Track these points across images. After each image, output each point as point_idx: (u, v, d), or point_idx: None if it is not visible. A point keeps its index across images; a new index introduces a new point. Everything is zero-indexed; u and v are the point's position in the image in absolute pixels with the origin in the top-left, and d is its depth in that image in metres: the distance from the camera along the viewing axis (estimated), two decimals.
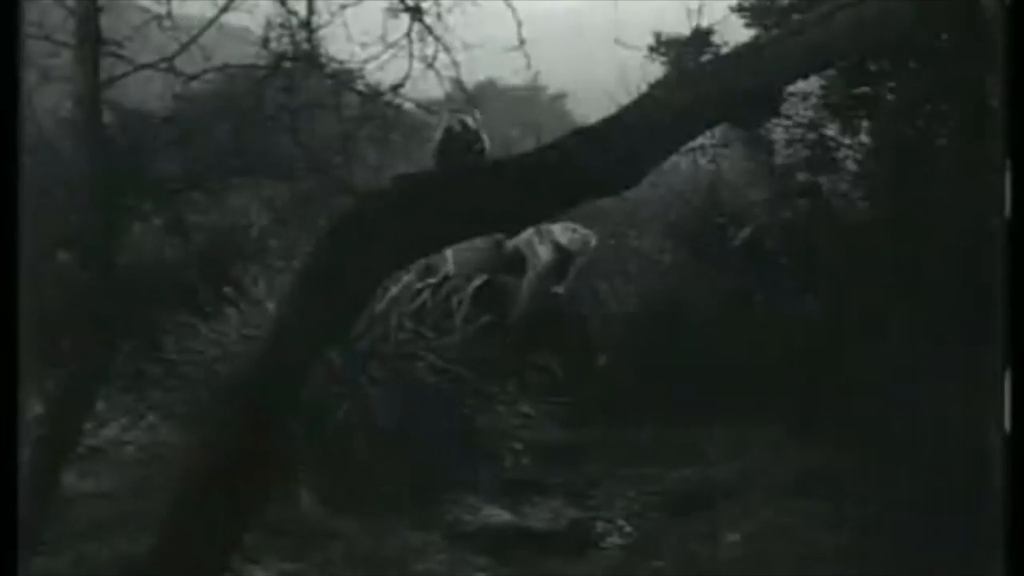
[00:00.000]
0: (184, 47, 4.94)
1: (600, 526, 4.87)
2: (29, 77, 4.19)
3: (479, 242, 6.18)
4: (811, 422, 4.94)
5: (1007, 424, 3.30)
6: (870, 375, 4.82)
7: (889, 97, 5.40)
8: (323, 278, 3.72)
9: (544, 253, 6.25)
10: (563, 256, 6.28)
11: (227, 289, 5.15)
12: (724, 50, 4.76)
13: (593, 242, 6.33)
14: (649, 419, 5.23)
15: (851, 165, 5.61)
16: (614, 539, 4.79)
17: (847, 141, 5.52)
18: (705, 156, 5.75)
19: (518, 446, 5.20)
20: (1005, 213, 3.35)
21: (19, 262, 3.09)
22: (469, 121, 6.29)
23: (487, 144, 6.15)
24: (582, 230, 6.31)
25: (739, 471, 4.93)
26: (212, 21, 4.95)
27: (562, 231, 6.27)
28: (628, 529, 4.82)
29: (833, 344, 5.08)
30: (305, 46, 4.89)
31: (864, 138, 5.56)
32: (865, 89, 5.36)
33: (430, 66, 4.84)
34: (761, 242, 5.71)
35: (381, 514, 4.68)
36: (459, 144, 6.16)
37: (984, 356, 4.52)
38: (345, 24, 4.85)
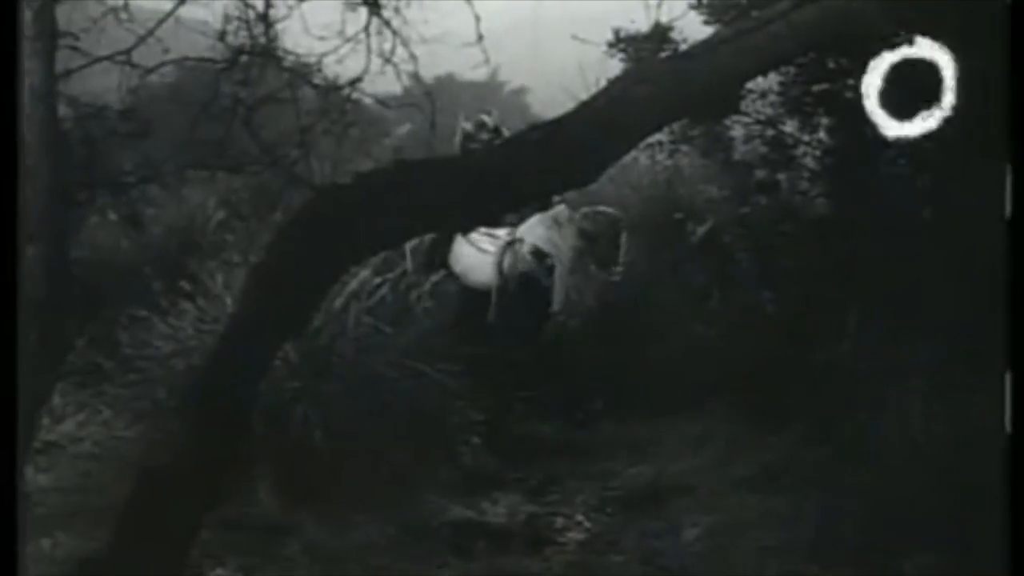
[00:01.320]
0: (141, 40, 4.91)
1: (559, 521, 4.87)
2: None
3: (487, 245, 6.14)
4: (769, 417, 4.96)
5: (1007, 424, 3.32)
6: (828, 370, 4.84)
7: (847, 94, 5.42)
8: (281, 273, 3.70)
9: (566, 245, 6.20)
10: (589, 241, 6.22)
11: (184, 283, 5.14)
12: (683, 46, 4.77)
13: (622, 219, 6.25)
14: (608, 414, 5.24)
15: (810, 162, 5.63)
16: (573, 534, 4.79)
17: (806, 138, 5.53)
18: (663, 152, 5.76)
19: (477, 441, 5.20)
20: (1005, 213, 3.36)
21: (20, 264, 3.08)
22: (487, 119, 6.28)
23: None
24: (607, 210, 6.24)
25: (698, 466, 4.95)
26: (169, 14, 4.92)
27: (583, 217, 6.21)
28: (587, 524, 4.82)
29: (791, 340, 5.10)
30: (262, 40, 4.87)
31: (823, 135, 5.58)
32: (824, 86, 5.39)
33: (388, 60, 4.83)
34: (719, 238, 5.72)
35: (340, 510, 4.68)
36: (480, 143, 6.16)
37: (943, 351, 4.55)
38: (303, 18, 4.83)
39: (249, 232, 5.10)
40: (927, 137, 4.82)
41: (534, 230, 6.12)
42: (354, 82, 4.91)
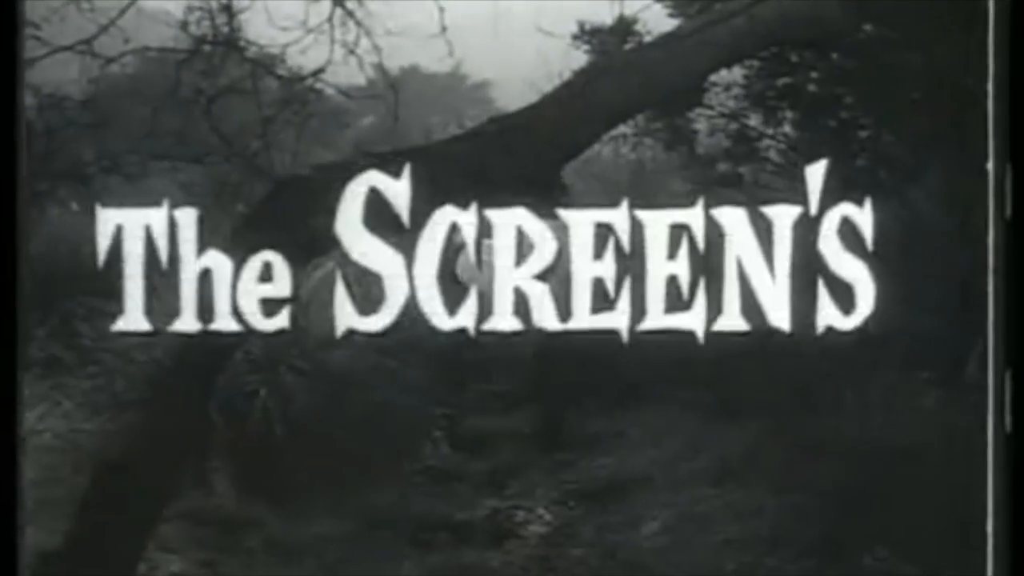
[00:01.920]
0: (103, 29, 4.86)
1: (520, 515, 4.86)
2: None
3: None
4: (730, 411, 4.95)
5: (1007, 424, 3.35)
6: (789, 365, 4.84)
7: (811, 88, 5.42)
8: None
9: None
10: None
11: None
12: (647, 39, 4.76)
13: None
14: (569, 407, 5.22)
15: (774, 156, 5.62)
16: (534, 528, 4.78)
17: (769, 131, 5.52)
18: (627, 145, 5.74)
19: (438, 434, 5.18)
20: (1005, 213, 3.39)
21: (20, 262, 3.08)
22: None
23: None
24: None
25: (658, 460, 4.94)
26: (131, 3, 4.88)
27: None
28: (548, 518, 4.82)
29: (752, 334, 5.09)
30: (225, 30, 4.84)
31: (787, 129, 5.57)
32: (787, 80, 5.38)
33: (352, 52, 4.80)
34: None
35: (299, 503, 4.66)
36: None
37: (904, 348, 4.56)
38: (266, 8, 4.80)
39: (211, 224, 5.06)
40: (890, 132, 4.85)
41: None
42: (317, 73, 4.88)
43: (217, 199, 4.72)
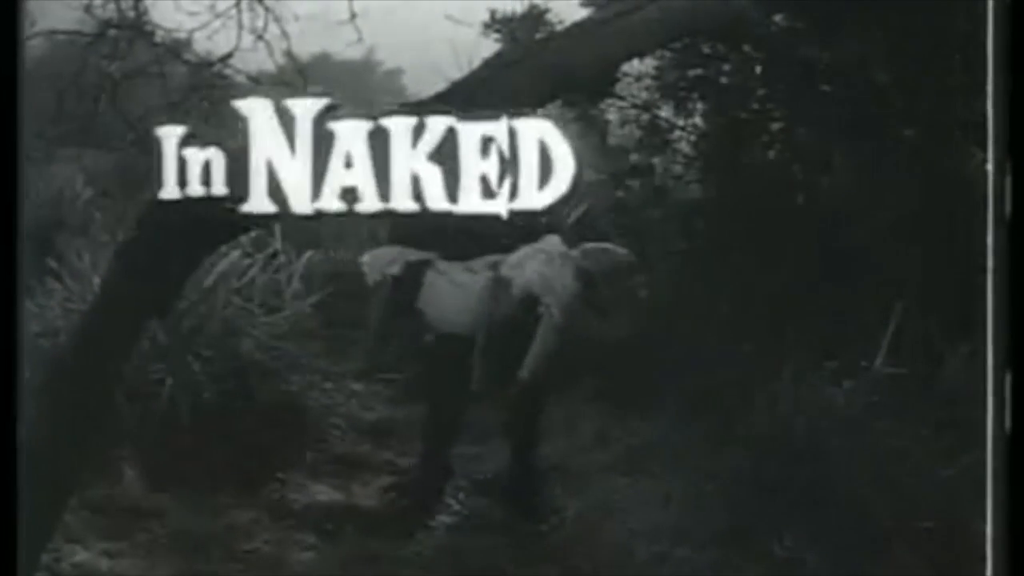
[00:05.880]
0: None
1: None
2: None
3: (464, 277, 5.23)
4: (638, 400, 4.96)
5: (1007, 424, 3.34)
6: (698, 355, 4.87)
7: (723, 80, 5.46)
8: (146, 252, 3.65)
9: (565, 292, 5.05)
10: (587, 286, 5.09)
11: (51, 262, 5.06)
12: (559, 28, 4.77)
13: (627, 258, 5.22)
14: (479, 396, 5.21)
15: (685, 147, 5.67)
16: (443, 518, 4.77)
17: (681, 123, 5.56)
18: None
19: (346, 424, 5.16)
20: (1005, 213, 3.38)
21: (20, 261, 3.02)
22: None
23: None
24: (610, 247, 5.27)
25: (567, 449, 4.96)
26: None
27: (583, 255, 5.14)
28: (457, 508, 4.81)
29: (662, 324, 5.12)
30: (131, 13, 4.79)
31: (698, 120, 5.61)
32: (699, 71, 5.41)
33: (260, 37, 4.77)
34: (594, 222, 5.69)
35: (205, 493, 4.63)
36: None
37: (811, 340, 4.60)
38: None
39: (116, 210, 5.02)
40: (801, 123, 4.88)
41: (524, 267, 5.12)
42: (224, 58, 4.85)
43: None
